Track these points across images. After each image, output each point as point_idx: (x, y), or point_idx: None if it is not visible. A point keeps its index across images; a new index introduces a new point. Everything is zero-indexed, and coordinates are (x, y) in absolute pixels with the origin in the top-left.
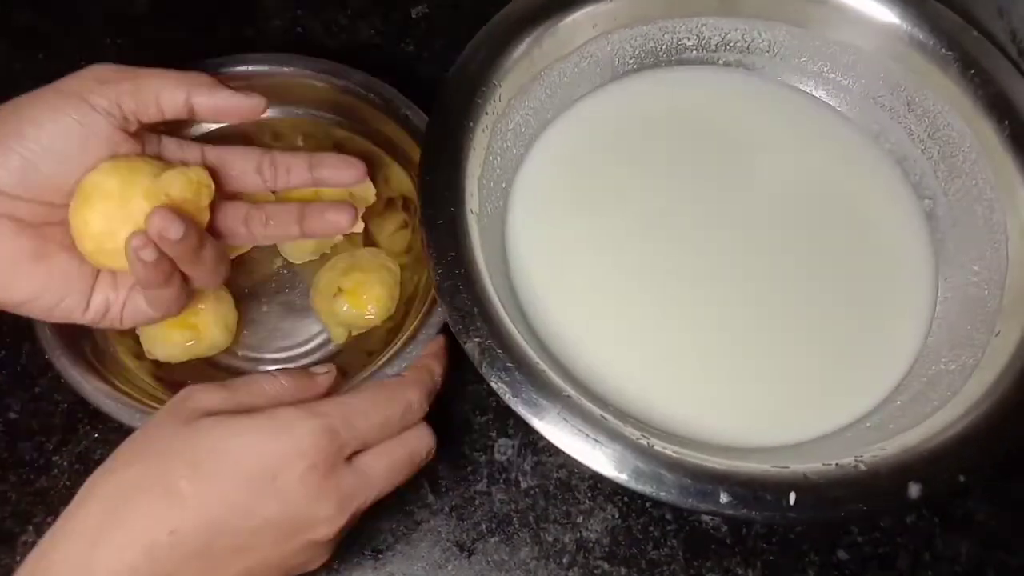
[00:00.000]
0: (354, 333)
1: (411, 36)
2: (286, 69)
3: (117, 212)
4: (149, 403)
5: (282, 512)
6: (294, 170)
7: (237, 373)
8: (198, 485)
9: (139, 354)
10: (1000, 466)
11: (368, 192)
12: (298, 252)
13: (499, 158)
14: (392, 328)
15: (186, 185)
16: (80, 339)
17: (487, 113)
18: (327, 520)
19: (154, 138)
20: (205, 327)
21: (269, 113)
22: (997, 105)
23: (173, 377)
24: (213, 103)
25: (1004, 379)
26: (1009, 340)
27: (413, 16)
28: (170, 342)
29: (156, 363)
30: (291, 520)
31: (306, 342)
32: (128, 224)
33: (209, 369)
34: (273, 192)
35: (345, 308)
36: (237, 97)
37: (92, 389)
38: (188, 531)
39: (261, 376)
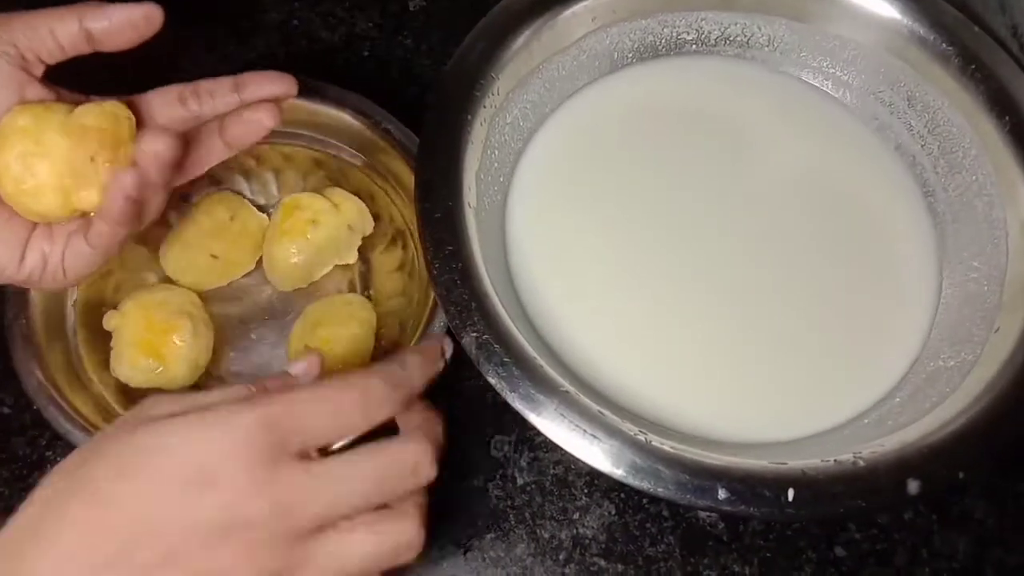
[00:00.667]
0: None
1: (409, 29)
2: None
3: (33, 148)
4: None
5: (212, 512)
6: (218, 94)
7: None
8: (121, 486)
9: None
10: (998, 463)
11: (366, 222)
12: (287, 281)
13: (497, 151)
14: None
15: (102, 115)
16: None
17: (485, 106)
18: (263, 523)
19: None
20: (174, 361)
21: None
22: (998, 101)
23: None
24: (107, 23)
25: (1003, 375)
26: (1008, 336)
27: (411, 9)
28: (135, 365)
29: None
30: (222, 521)
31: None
32: (45, 160)
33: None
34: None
35: None
36: (129, 8)
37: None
38: (109, 535)
39: (236, 385)
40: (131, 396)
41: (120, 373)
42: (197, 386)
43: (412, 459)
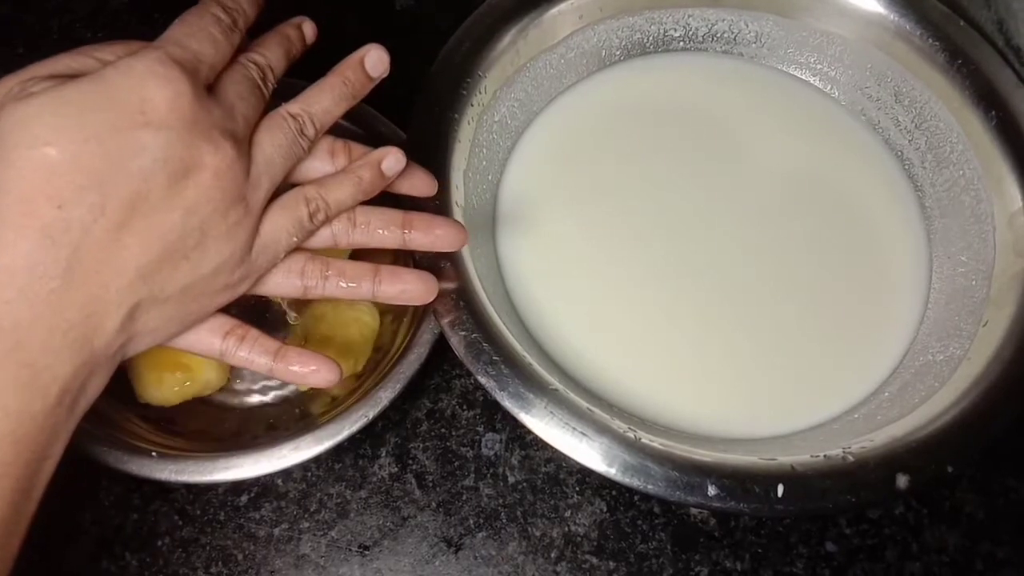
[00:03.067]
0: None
1: (395, 28)
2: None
3: None
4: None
5: (164, 144)
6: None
7: (227, 407)
8: (65, 144)
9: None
10: (987, 456)
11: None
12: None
13: (485, 150)
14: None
15: None
16: None
17: (472, 105)
18: (211, 153)
19: None
20: (199, 367)
21: None
22: (984, 95)
23: (160, 416)
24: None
25: (991, 369)
26: (996, 330)
27: (397, 8)
28: (162, 385)
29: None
30: (176, 153)
31: None
32: None
33: (198, 405)
34: None
35: None
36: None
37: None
38: (74, 194)
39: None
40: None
41: (151, 398)
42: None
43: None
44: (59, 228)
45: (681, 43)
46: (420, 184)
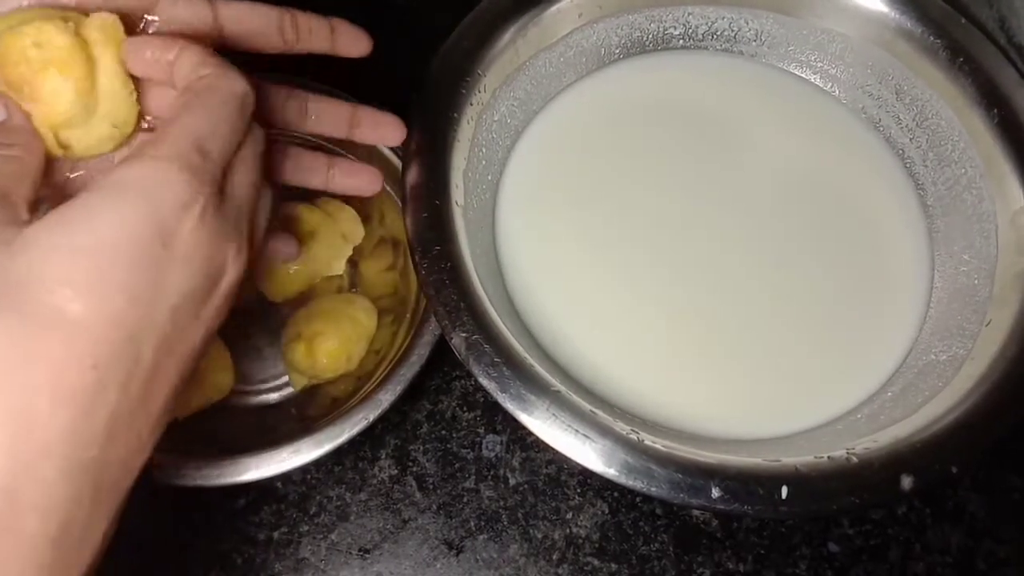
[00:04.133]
0: (313, 382)
1: (393, 25)
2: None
3: None
4: None
5: (191, 275)
6: (316, 33)
7: (227, 410)
8: (89, 298)
9: None
10: (991, 456)
11: (357, 232)
12: (280, 292)
13: (485, 149)
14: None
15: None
16: None
17: (472, 104)
18: (235, 258)
19: None
20: (206, 373)
21: None
22: (986, 93)
23: None
24: None
25: (995, 369)
26: (999, 329)
27: (395, 5)
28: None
29: None
30: (204, 278)
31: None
32: None
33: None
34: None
35: (299, 356)
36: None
37: None
38: (108, 352)
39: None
40: None
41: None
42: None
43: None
44: (96, 390)
45: (681, 41)
46: (387, 132)
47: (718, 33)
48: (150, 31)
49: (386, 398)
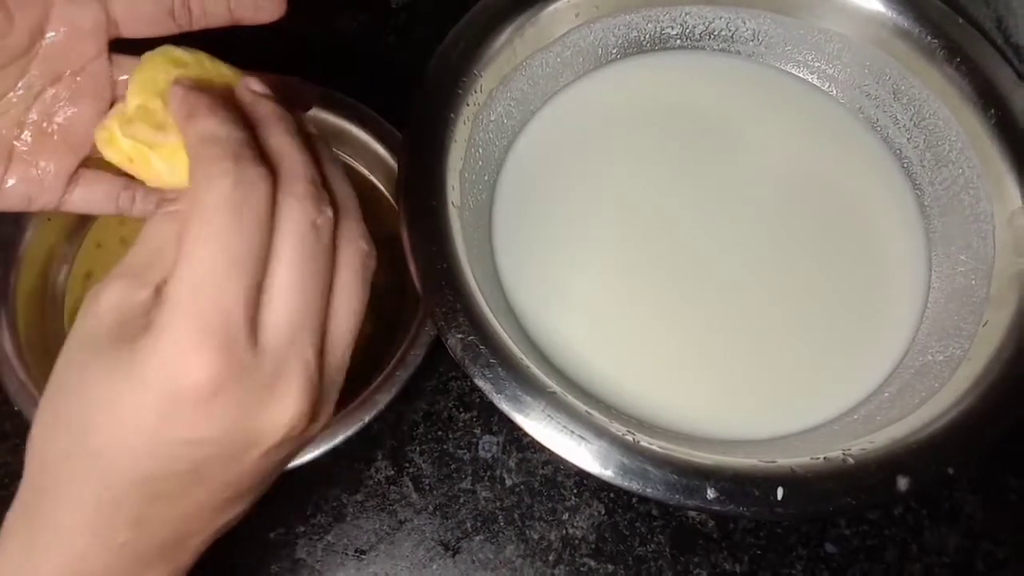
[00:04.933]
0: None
1: (392, 26)
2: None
3: None
4: None
5: (213, 439)
6: (212, 10)
7: None
8: (110, 438)
9: None
10: (987, 457)
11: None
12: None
13: (481, 150)
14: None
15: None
16: None
17: (468, 104)
18: (277, 424)
19: None
20: None
21: None
22: (983, 94)
23: None
24: None
25: (991, 369)
26: (996, 330)
27: (393, 6)
28: None
29: None
30: (230, 442)
31: None
32: None
33: None
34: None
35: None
36: None
37: None
38: (123, 485)
39: (156, 224)
40: None
41: None
42: None
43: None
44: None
45: (678, 41)
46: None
47: (715, 33)
48: None
49: (382, 399)
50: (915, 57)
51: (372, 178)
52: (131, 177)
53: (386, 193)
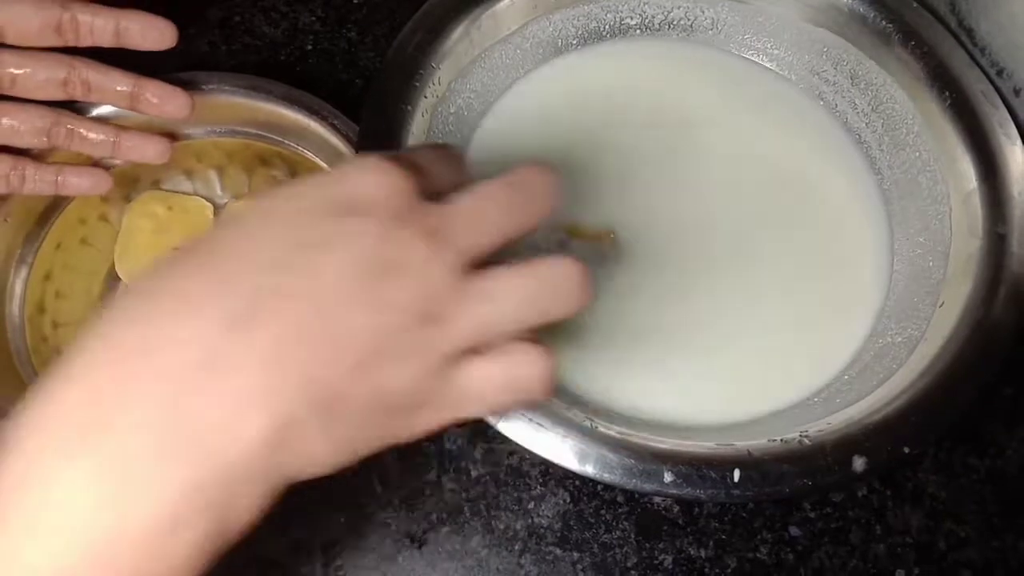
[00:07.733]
0: None
1: (352, 22)
2: (206, 87)
3: None
4: None
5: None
6: (99, 30)
7: None
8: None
9: None
10: (948, 437)
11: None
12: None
13: (441, 141)
14: None
15: None
16: None
17: (426, 96)
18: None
19: None
20: None
21: (191, 132)
22: (938, 76)
23: None
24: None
25: (947, 350)
26: (952, 311)
27: (354, 1)
28: None
29: None
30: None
31: None
32: None
33: None
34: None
35: None
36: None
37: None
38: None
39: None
40: None
41: None
42: None
43: (566, 276)
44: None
45: (638, 31)
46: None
47: (675, 22)
48: None
49: None
50: (871, 42)
51: None
52: (19, 153)
53: None
